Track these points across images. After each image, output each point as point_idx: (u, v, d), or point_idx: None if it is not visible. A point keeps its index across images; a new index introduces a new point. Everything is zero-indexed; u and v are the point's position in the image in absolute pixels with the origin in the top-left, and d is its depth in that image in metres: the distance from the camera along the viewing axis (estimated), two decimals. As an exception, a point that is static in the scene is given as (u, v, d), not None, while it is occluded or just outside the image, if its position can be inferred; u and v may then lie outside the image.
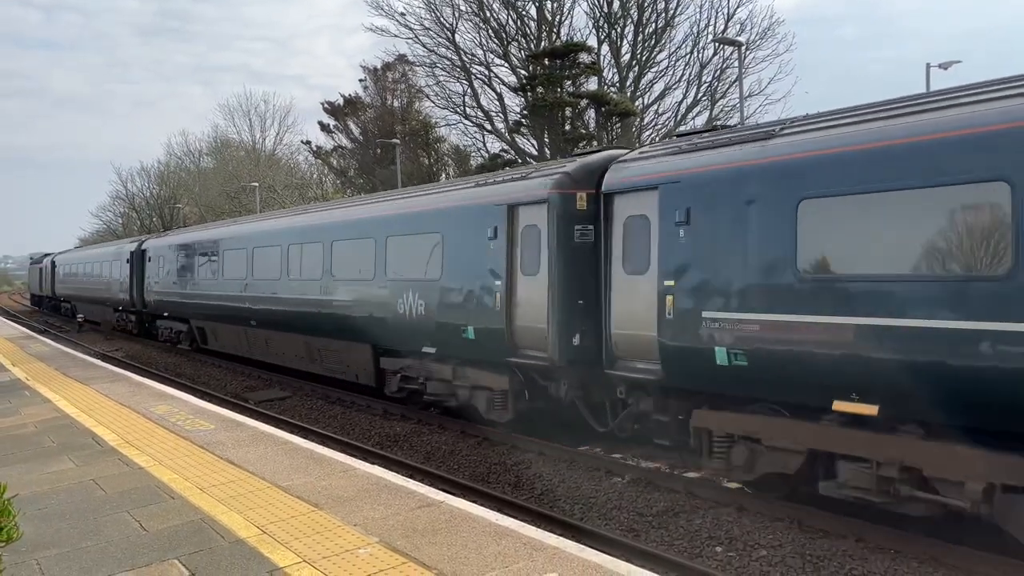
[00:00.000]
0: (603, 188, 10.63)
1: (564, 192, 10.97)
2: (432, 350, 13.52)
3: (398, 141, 42.81)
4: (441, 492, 7.58)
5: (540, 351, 11.19)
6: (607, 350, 10.44)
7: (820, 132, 8.09)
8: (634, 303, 9.96)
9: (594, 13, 41.16)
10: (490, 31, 42.47)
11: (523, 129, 41.22)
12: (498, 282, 11.82)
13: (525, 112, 39.64)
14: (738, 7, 40.07)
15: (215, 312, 23.12)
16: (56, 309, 52.41)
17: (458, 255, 12.82)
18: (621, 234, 10.32)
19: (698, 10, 55.84)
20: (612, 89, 40.30)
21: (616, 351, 10.37)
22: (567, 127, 37.60)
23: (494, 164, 38.12)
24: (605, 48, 41.53)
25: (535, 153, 39.77)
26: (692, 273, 9.06)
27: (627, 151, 11.45)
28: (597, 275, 10.67)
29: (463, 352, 12.86)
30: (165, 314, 28.18)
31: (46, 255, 60.33)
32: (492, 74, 43.38)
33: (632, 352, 10.14)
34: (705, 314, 8.82)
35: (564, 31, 42.03)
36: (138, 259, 30.13)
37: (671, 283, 9.27)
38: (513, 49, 42.66)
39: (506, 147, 42.50)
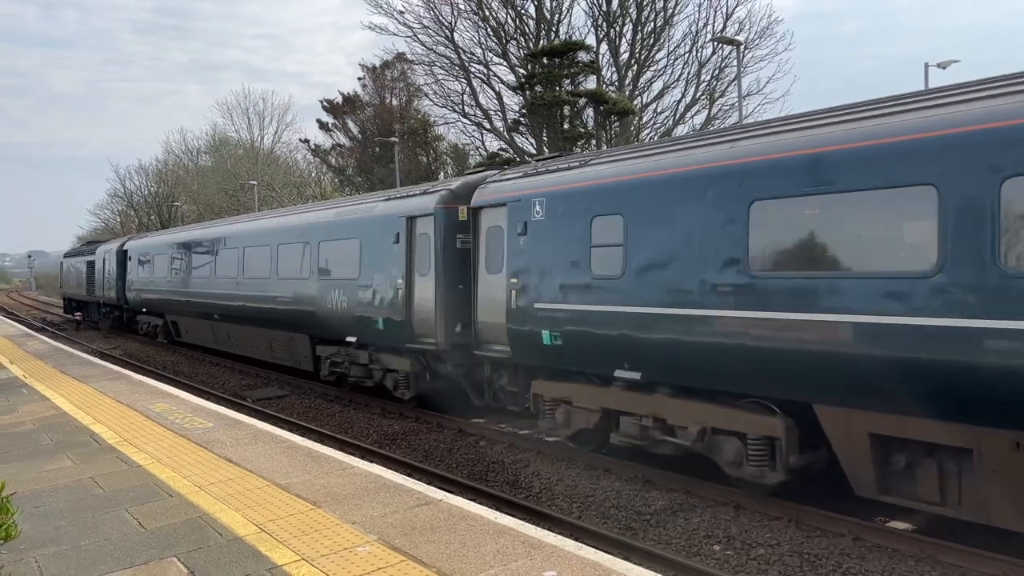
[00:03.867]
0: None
1: None
2: None
3: (397, 140, 42.81)
4: (440, 490, 7.58)
5: None
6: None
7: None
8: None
9: (593, 12, 41.16)
10: (489, 30, 42.46)
11: (521, 128, 41.21)
12: None
13: (524, 111, 39.62)
14: (737, 6, 40.01)
15: None
16: (124, 324, 33.78)
17: None
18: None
19: (697, 9, 55.92)
20: (611, 88, 40.28)
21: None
22: (566, 126, 37.58)
23: (493, 163, 38.11)
24: (604, 47, 41.53)
25: (534, 152, 39.78)
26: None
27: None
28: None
29: None
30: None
31: (91, 243, 45.28)
32: (491, 73, 43.39)
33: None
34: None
35: (563, 30, 42.02)
36: (441, 231, 13.36)
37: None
38: (512, 48, 42.65)
39: (504, 146, 42.49)
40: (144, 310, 29.98)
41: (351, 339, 15.71)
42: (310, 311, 16.97)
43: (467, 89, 43.62)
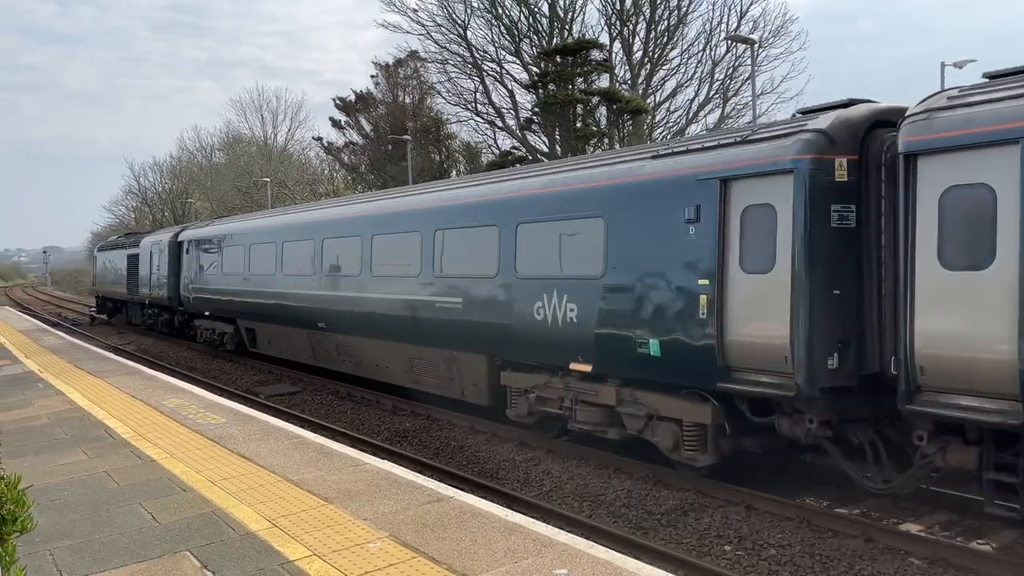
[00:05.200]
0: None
1: None
2: None
3: (409, 138, 42.86)
4: (451, 488, 7.60)
5: None
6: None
7: None
8: None
9: (606, 10, 41.08)
10: (502, 28, 42.44)
11: (534, 126, 41.19)
12: None
13: (536, 109, 39.61)
14: (751, 4, 39.79)
15: None
16: (177, 330, 28.65)
17: None
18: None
19: (711, 7, 55.63)
20: (624, 86, 40.20)
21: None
22: (578, 124, 37.54)
23: (505, 161, 38.11)
24: (617, 45, 41.46)
25: (546, 151, 39.75)
26: None
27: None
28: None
29: None
30: None
31: (131, 234, 39.46)
32: (503, 71, 43.37)
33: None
34: None
35: (576, 28, 41.97)
36: (805, 200, 8.27)
37: None
38: (525, 46, 42.63)
39: (517, 144, 42.49)
40: (207, 313, 24.82)
41: (580, 367, 10.76)
42: (499, 323, 12.14)
43: (480, 87, 43.64)
